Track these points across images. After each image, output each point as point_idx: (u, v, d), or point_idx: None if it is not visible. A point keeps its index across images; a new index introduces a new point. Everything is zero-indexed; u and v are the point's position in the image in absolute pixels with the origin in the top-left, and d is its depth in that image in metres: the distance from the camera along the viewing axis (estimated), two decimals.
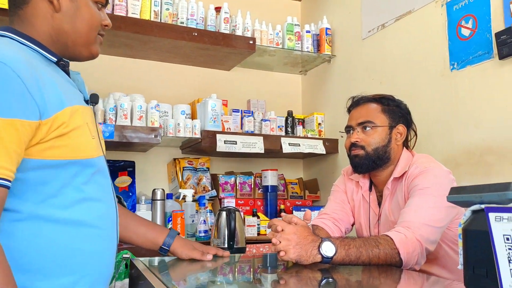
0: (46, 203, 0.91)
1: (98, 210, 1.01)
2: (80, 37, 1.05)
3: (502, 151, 1.69)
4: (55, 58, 1.03)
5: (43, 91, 0.91)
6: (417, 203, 1.36)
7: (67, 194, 0.95)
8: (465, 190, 0.78)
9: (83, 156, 0.98)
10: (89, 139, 1.00)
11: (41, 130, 0.90)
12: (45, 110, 0.90)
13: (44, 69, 0.96)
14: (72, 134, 0.95)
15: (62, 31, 1.03)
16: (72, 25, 1.04)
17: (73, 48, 1.06)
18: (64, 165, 0.94)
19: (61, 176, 0.94)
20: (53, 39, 1.03)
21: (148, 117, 2.26)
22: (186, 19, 2.39)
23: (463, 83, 1.85)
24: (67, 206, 0.95)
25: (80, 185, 0.97)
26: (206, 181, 2.58)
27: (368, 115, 1.52)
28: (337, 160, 2.68)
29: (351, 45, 2.59)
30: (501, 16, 1.69)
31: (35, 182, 0.91)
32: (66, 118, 0.94)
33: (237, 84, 2.87)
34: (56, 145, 0.93)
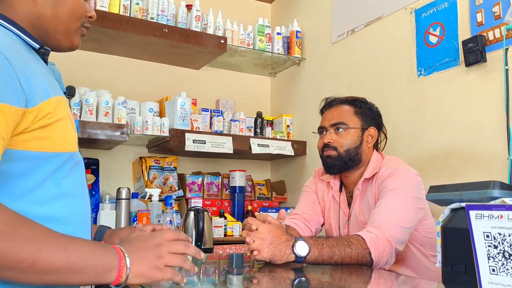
0: (24, 198, 0.86)
1: (74, 207, 0.96)
2: (61, 25, 1.00)
3: (466, 156, 1.75)
4: (37, 45, 0.97)
5: (30, 77, 0.86)
6: (387, 204, 1.38)
7: (46, 188, 0.90)
8: (445, 189, 0.79)
9: (65, 149, 0.93)
10: (71, 131, 0.96)
11: (26, 118, 0.84)
12: (31, 97, 0.85)
13: (27, 56, 0.91)
14: (56, 125, 0.90)
15: (43, 16, 0.98)
16: (54, 11, 0.99)
17: (54, 36, 1.01)
18: (47, 157, 0.89)
19: (43, 170, 0.89)
20: (33, 24, 0.98)
21: (114, 113, 2.20)
22: (157, 15, 2.34)
23: (430, 89, 1.91)
24: (45, 201, 0.89)
25: (60, 179, 0.92)
26: (173, 180, 2.53)
27: (341, 117, 1.54)
28: (305, 162, 2.70)
29: (321, 48, 2.62)
30: (467, 25, 1.75)
31: (14, 174, 0.86)
32: (51, 108, 0.89)
33: (206, 84, 2.84)
34: (40, 136, 0.88)
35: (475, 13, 1.71)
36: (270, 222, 1.24)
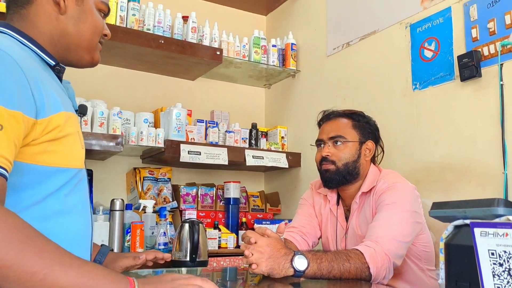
0: (26, 212, 0.85)
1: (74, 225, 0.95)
2: (84, 41, 1.03)
3: (461, 169, 1.76)
4: (53, 62, 0.99)
5: (42, 89, 0.86)
6: (385, 218, 1.39)
7: (49, 204, 0.89)
8: (448, 205, 0.80)
9: (73, 165, 0.93)
10: (79, 148, 0.96)
11: (35, 129, 0.85)
12: (41, 109, 0.85)
13: (41, 71, 0.92)
14: (64, 140, 0.90)
15: (65, 33, 1.00)
16: (77, 28, 1.01)
17: (75, 51, 1.03)
18: (54, 172, 0.89)
19: (48, 184, 0.89)
20: (55, 41, 1.00)
21: (109, 124, 2.19)
22: (153, 26, 2.35)
23: (425, 103, 1.92)
24: (46, 217, 0.88)
25: (63, 196, 0.91)
26: (167, 192, 2.51)
27: (339, 130, 1.54)
28: (299, 174, 2.70)
29: (316, 61, 2.64)
30: (462, 40, 1.77)
31: (21, 186, 0.85)
32: (61, 122, 0.89)
33: (200, 94, 2.84)
34: (49, 150, 0.88)
35: (470, 28, 1.74)
36: (269, 236, 1.24)
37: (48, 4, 0.99)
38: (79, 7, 1.02)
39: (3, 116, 0.77)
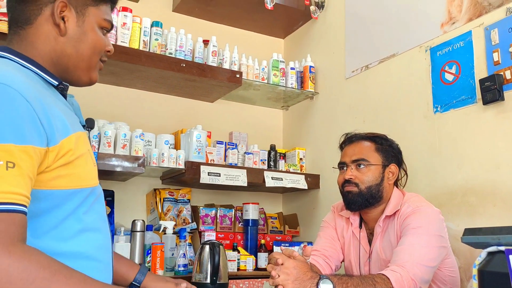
0: (47, 235, 0.87)
1: (96, 241, 0.96)
2: (82, 61, 1.02)
3: (485, 192, 1.74)
4: (56, 82, 0.99)
5: (49, 116, 0.87)
6: (410, 242, 1.38)
7: (69, 225, 0.91)
8: (481, 232, 0.79)
9: (87, 185, 0.94)
10: (92, 166, 0.97)
11: (47, 157, 0.86)
12: (52, 136, 0.86)
13: (45, 93, 0.93)
14: (77, 162, 0.91)
15: (64, 54, 1.00)
16: (76, 49, 1.01)
17: (74, 72, 1.03)
18: (70, 194, 0.91)
19: (66, 206, 0.90)
20: (54, 61, 1.00)
21: (132, 146, 2.22)
22: (175, 50, 2.40)
23: (447, 126, 1.92)
24: (68, 237, 0.90)
25: (81, 214, 0.93)
26: (186, 213, 2.53)
27: (362, 153, 1.55)
28: (318, 196, 2.69)
29: (334, 83, 2.66)
30: (484, 63, 1.78)
31: (38, 213, 0.87)
32: (72, 145, 0.90)
33: (219, 116, 2.87)
34: (62, 174, 0.89)
35: (492, 52, 1.74)
36: (295, 258, 1.24)
37: (47, 25, 0.98)
38: (79, 28, 1.01)
39: (14, 153, 0.79)
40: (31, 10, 0.98)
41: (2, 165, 0.77)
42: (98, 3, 1.05)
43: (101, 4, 1.05)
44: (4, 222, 0.76)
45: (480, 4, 1.83)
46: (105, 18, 1.06)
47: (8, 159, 0.78)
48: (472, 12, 1.86)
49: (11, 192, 0.77)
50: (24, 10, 0.98)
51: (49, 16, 0.98)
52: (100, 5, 1.05)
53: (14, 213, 0.77)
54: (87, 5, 1.03)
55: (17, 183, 0.78)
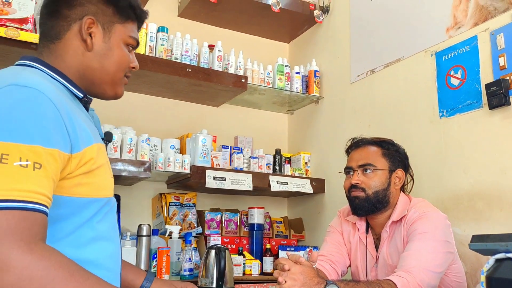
0: (62, 242, 0.88)
1: (108, 250, 0.98)
2: (107, 76, 1.06)
3: (491, 197, 1.74)
4: (81, 94, 1.03)
5: (74, 123, 0.90)
6: (417, 247, 1.38)
7: (83, 232, 0.92)
8: (489, 238, 0.80)
9: (104, 195, 0.96)
10: (109, 177, 1.00)
11: (70, 163, 0.88)
12: (76, 143, 0.89)
13: (70, 103, 0.96)
14: (97, 171, 0.94)
15: (90, 68, 1.04)
16: (101, 64, 1.05)
17: (99, 86, 1.07)
18: (87, 203, 0.93)
19: (82, 214, 0.92)
20: (80, 75, 1.04)
21: (138, 150, 2.23)
22: (181, 55, 2.41)
23: (452, 130, 1.92)
24: (81, 245, 0.91)
25: (95, 223, 0.95)
26: (192, 217, 2.53)
27: (369, 158, 1.55)
28: (323, 200, 2.69)
29: (340, 87, 2.67)
30: (489, 68, 1.78)
31: (55, 219, 0.88)
32: (94, 154, 0.93)
33: (224, 120, 2.88)
34: (83, 182, 0.91)
35: (497, 57, 1.74)
36: (302, 263, 1.24)
37: (76, 40, 1.03)
38: (105, 44, 1.05)
39: (42, 155, 0.81)
40: (60, 26, 1.03)
41: (30, 165, 0.79)
42: (124, 21, 1.08)
43: (127, 22, 1.09)
44: (28, 220, 0.77)
45: (486, 9, 1.83)
46: (130, 36, 1.10)
47: (36, 160, 0.80)
48: (477, 16, 1.86)
49: (37, 192, 0.79)
50: (54, 25, 1.03)
51: (78, 32, 1.03)
52: (127, 23, 1.09)
53: (37, 213, 0.79)
54: (113, 22, 1.07)
55: (42, 184, 0.80)
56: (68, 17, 1.02)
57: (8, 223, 0.75)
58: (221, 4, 2.65)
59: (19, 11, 2.08)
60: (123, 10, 1.08)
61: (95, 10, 1.04)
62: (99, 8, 1.05)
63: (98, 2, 1.05)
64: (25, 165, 0.78)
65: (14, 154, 0.78)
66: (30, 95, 0.85)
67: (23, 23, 2.06)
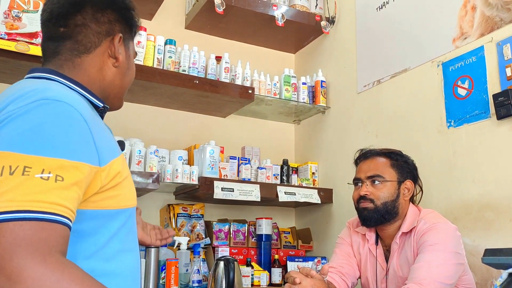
0: (95, 257, 0.88)
1: (132, 261, 0.98)
2: (122, 90, 1.10)
3: (501, 207, 1.73)
4: (101, 104, 1.04)
5: (101, 136, 0.91)
6: (427, 259, 1.37)
7: (112, 245, 0.92)
8: (502, 252, 0.80)
9: (130, 205, 0.97)
10: (133, 187, 1.00)
11: (100, 177, 0.88)
12: (103, 156, 0.89)
13: (95, 115, 0.97)
14: (124, 183, 0.94)
15: (112, 84, 1.06)
16: (122, 80, 1.08)
17: (112, 99, 1.09)
18: (115, 214, 0.93)
19: (111, 226, 0.92)
20: (101, 89, 1.05)
21: (146, 162, 2.25)
22: (188, 67, 2.43)
23: (460, 140, 1.92)
24: (110, 258, 0.91)
25: (124, 235, 0.95)
26: (200, 228, 2.53)
27: (378, 169, 1.56)
28: (331, 210, 2.69)
29: (346, 98, 2.67)
30: (497, 79, 1.78)
31: (87, 233, 0.88)
32: (120, 166, 0.93)
33: (231, 131, 2.89)
34: (111, 195, 0.91)
35: (504, 67, 1.75)
36: (313, 276, 1.24)
37: (104, 56, 1.04)
38: (127, 61, 1.09)
39: (66, 168, 0.81)
40: (92, 42, 1.04)
41: (52, 177, 0.79)
42: (134, 37, 1.14)
43: (134, 37, 1.15)
44: (46, 231, 0.76)
45: (492, 20, 1.84)
46: (135, 50, 1.15)
47: (58, 172, 0.79)
48: (484, 27, 1.87)
49: (57, 204, 0.78)
50: (84, 39, 1.04)
51: (107, 48, 1.05)
52: (134, 38, 1.15)
53: (56, 224, 0.78)
54: (129, 40, 1.11)
55: (64, 196, 0.79)
56: (99, 33, 1.04)
57: (24, 234, 0.74)
58: (227, 16, 2.68)
59: (29, 26, 2.11)
60: (134, 28, 1.12)
61: (120, 28, 1.07)
62: (123, 26, 1.08)
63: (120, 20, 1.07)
64: (46, 177, 0.78)
65: (36, 167, 0.78)
66: (60, 109, 0.85)
67: (33, 38, 2.09)
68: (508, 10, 1.77)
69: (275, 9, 2.71)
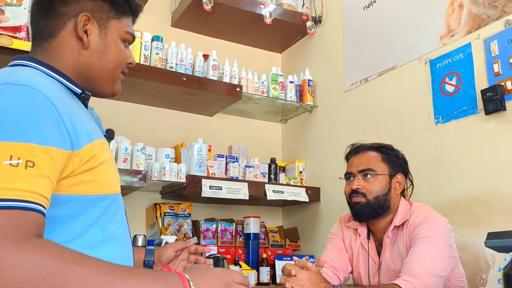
0: (72, 244, 0.85)
1: (120, 251, 0.95)
2: (107, 73, 1.04)
3: (489, 202, 1.75)
4: (79, 90, 1.00)
5: (74, 121, 0.87)
6: (421, 251, 1.38)
7: (93, 233, 0.89)
8: (505, 235, 0.80)
9: (110, 191, 0.93)
10: (114, 173, 0.97)
11: (72, 161, 0.85)
12: (76, 140, 0.86)
13: (69, 101, 0.93)
14: (101, 168, 0.91)
15: (88, 66, 1.02)
16: (100, 61, 1.03)
17: (98, 83, 1.04)
18: (93, 201, 0.90)
19: (89, 213, 0.89)
20: (78, 73, 1.01)
21: (133, 160, 2.20)
22: (176, 64, 2.41)
23: (449, 136, 1.94)
24: (93, 246, 0.88)
25: (105, 223, 0.92)
26: (187, 227, 2.50)
27: (369, 163, 1.56)
28: (318, 208, 2.69)
29: (334, 96, 2.68)
30: (484, 74, 1.81)
31: (62, 219, 0.86)
32: (96, 151, 0.90)
33: (218, 130, 2.87)
34: (86, 180, 0.88)
35: (492, 63, 1.77)
36: (308, 269, 1.23)
37: (71, 38, 1.00)
38: (102, 41, 1.03)
39: (36, 153, 0.78)
40: (55, 24, 1.00)
41: (22, 163, 0.76)
42: (119, 16, 1.06)
43: (122, 17, 1.07)
44: (18, 219, 0.74)
45: (479, 17, 1.86)
46: (126, 31, 1.07)
47: (28, 158, 0.77)
48: (471, 24, 1.90)
49: (28, 191, 0.76)
50: (48, 24, 1.00)
51: (73, 30, 1.00)
52: (122, 18, 1.07)
53: (29, 211, 0.75)
54: (109, 19, 1.04)
55: (35, 182, 0.77)
56: (63, 15, 1.00)
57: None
58: (214, 14, 2.66)
59: (12, 19, 2.06)
60: (118, 4, 1.05)
61: (91, 6, 1.02)
62: (95, 4, 1.02)
63: None
64: (15, 164, 0.75)
65: (4, 153, 0.76)
66: (24, 93, 0.82)
67: (16, 31, 2.03)
68: (494, 8, 1.80)
69: (263, 7, 2.71)
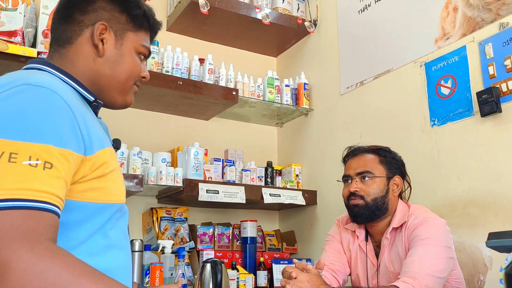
0: (76, 250, 0.84)
1: (120, 259, 0.95)
2: (118, 83, 1.05)
3: (486, 204, 1.76)
4: (92, 97, 1.01)
5: (88, 126, 0.88)
6: (420, 253, 1.38)
7: (96, 240, 0.89)
8: (507, 235, 0.80)
9: (116, 201, 0.94)
10: (121, 183, 0.97)
11: (84, 166, 0.86)
12: (89, 145, 0.87)
13: (83, 107, 0.94)
14: (110, 176, 0.91)
15: (101, 75, 1.03)
16: (113, 70, 1.04)
17: (109, 93, 1.05)
18: (100, 208, 0.90)
19: (95, 221, 0.89)
20: (91, 80, 1.03)
21: (129, 164, 2.20)
22: (172, 68, 2.40)
23: (445, 138, 1.95)
24: (95, 253, 0.88)
25: (107, 230, 0.92)
26: (184, 232, 2.49)
27: (367, 166, 1.56)
28: (315, 212, 2.69)
29: (329, 99, 2.69)
30: (479, 77, 1.82)
31: (69, 225, 0.85)
32: (107, 158, 0.91)
33: (214, 134, 2.87)
34: (96, 187, 0.89)
35: (487, 66, 1.79)
36: (309, 271, 1.23)
37: (87, 45, 1.02)
38: (117, 50, 1.05)
39: (54, 155, 0.79)
40: (73, 31, 1.03)
41: (40, 164, 0.77)
42: (137, 29, 1.08)
43: (140, 31, 1.09)
44: (34, 220, 0.74)
45: (474, 20, 1.88)
46: (142, 44, 1.09)
47: (47, 159, 0.78)
48: (465, 27, 1.91)
49: (45, 191, 0.76)
50: (66, 30, 1.03)
51: (89, 37, 1.02)
52: (139, 32, 1.09)
53: (45, 212, 0.76)
54: (126, 30, 1.06)
55: (52, 183, 0.77)
56: (80, 22, 1.02)
57: (12, 223, 0.72)
58: (209, 18, 2.67)
59: (8, 24, 2.05)
60: (136, 18, 1.08)
61: (109, 16, 1.04)
62: (113, 15, 1.05)
63: (112, 9, 1.05)
64: (34, 164, 0.76)
65: (23, 153, 0.76)
66: (44, 95, 0.83)
67: (12, 36, 2.03)
68: (489, 11, 1.82)
69: (258, 11, 2.72)
